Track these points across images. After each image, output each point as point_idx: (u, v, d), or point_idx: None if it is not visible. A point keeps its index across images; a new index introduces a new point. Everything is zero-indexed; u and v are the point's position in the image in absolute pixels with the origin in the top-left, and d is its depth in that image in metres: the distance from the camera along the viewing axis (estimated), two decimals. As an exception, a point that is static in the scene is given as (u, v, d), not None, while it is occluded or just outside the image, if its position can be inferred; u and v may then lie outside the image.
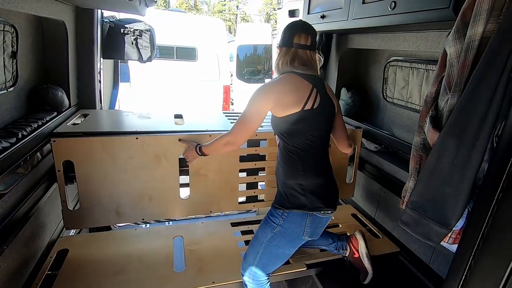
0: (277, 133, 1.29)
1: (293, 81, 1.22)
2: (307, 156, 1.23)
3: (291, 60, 1.27)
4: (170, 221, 2.39)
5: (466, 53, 0.72)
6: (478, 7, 0.69)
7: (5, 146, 1.15)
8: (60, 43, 1.69)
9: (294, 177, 1.25)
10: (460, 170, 0.74)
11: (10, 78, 1.32)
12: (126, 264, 1.51)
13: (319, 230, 1.32)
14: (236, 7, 31.99)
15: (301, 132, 1.21)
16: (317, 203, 1.23)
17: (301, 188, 1.23)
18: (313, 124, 1.22)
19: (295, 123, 1.20)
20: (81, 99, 1.98)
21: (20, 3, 1.16)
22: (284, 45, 1.29)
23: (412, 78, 1.78)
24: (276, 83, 1.23)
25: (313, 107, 1.20)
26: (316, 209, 1.23)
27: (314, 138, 1.23)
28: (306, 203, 1.23)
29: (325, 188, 1.27)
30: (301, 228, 1.25)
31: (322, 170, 1.28)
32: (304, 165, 1.24)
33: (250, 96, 1.24)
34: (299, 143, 1.22)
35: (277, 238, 1.28)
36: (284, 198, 1.27)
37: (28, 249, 1.35)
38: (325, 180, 1.28)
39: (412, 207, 0.85)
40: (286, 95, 1.19)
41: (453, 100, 0.75)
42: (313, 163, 1.25)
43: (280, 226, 1.26)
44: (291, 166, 1.25)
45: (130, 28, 2.23)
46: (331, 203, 1.28)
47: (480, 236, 0.68)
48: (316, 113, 1.21)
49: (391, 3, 1.27)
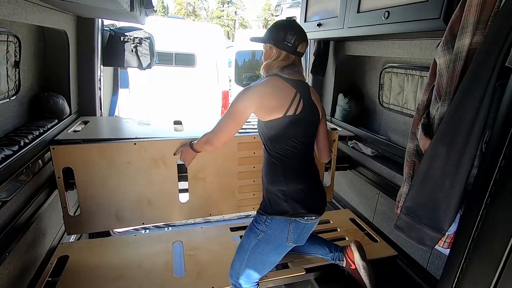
0: (261, 138, 1.28)
1: (277, 85, 1.20)
2: (289, 162, 1.21)
3: (286, 66, 1.24)
4: (169, 227, 2.40)
5: (454, 64, 0.75)
6: (465, 20, 0.72)
7: (8, 154, 1.17)
8: (62, 52, 1.72)
9: (276, 183, 1.22)
10: (451, 175, 0.76)
11: (13, 87, 1.35)
12: (126, 270, 1.52)
13: (304, 236, 1.29)
14: (234, 12, 32.26)
15: (283, 138, 1.19)
16: (300, 209, 1.20)
17: (283, 194, 1.21)
18: (295, 130, 1.19)
19: (277, 128, 1.18)
20: (82, 106, 2.00)
21: (23, 14, 1.19)
22: (286, 50, 1.23)
23: (407, 84, 1.82)
24: (259, 86, 1.20)
25: (296, 113, 1.18)
26: (299, 215, 1.20)
27: (296, 144, 1.21)
28: (288, 209, 1.20)
29: (308, 193, 1.23)
30: (284, 234, 1.23)
31: (305, 176, 1.25)
32: (285, 171, 1.22)
33: (233, 99, 1.23)
34: (281, 149, 1.21)
35: (261, 245, 1.25)
36: (267, 204, 1.25)
37: (29, 256, 1.36)
38: (308, 185, 1.24)
39: (406, 212, 0.88)
40: (268, 98, 1.17)
41: (443, 108, 0.78)
42: (295, 169, 1.22)
43: (263, 232, 1.23)
44: (273, 172, 1.24)
45: (130, 36, 2.27)
46: (315, 209, 1.24)
47: (471, 239, 0.70)
48: (298, 118, 1.19)
49: (385, 13, 1.31)
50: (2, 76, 1.23)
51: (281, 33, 1.22)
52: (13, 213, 1.20)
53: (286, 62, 1.24)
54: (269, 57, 1.27)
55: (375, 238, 1.91)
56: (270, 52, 1.26)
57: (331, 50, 2.33)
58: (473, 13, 0.71)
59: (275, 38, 1.23)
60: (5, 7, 1.06)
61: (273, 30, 1.26)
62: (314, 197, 1.26)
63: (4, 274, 1.15)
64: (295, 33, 1.22)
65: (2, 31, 1.20)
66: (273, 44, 1.24)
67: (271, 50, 1.25)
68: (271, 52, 1.26)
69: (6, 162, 1.11)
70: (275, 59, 1.24)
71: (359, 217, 2.15)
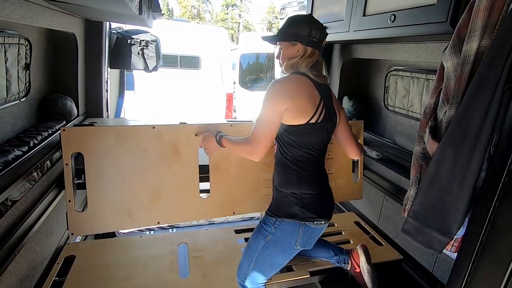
0: (277, 139, 1.23)
1: (307, 88, 1.16)
2: (303, 166, 1.20)
3: (313, 65, 1.20)
4: (174, 228, 2.41)
5: (462, 67, 0.75)
6: (473, 24, 0.72)
7: (18, 155, 1.19)
8: (70, 54, 1.75)
9: (288, 186, 1.21)
10: (459, 179, 0.76)
11: (23, 89, 1.37)
12: (131, 270, 1.53)
13: (312, 240, 1.28)
14: (238, 15, 32.44)
15: (300, 144, 1.17)
16: (310, 213, 1.18)
17: (294, 197, 1.20)
18: (313, 138, 1.18)
19: (296, 135, 1.16)
20: (89, 107, 2.03)
21: (35, 18, 1.21)
22: (312, 45, 1.18)
23: (413, 87, 1.81)
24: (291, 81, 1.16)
25: (317, 121, 1.15)
26: (309, 219, 1.19)
27: (312, 151, 1.19)
28: (298, 213, 1.19)
29: (319, 198, 1.22)
30: (293, 237, 1.21)
31: (317, 180, 1.24)
32: (299, 175, 1.20)
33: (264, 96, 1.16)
34: (296, 154, 1.19)
35: (269, 247, 1.24)
36: (277, 206, 1.24)
37: (36, 255, 1.38)
38: (319, 190, 1.23)
39: (413, 216, 0.88)
40: (300, 98, 1.13)
41: (451, 112, 0.78)
42: (308, 173, 1.21)
43: (272, 234, 1.22)
44: (286, 174, 1.22)
45: (137, 39, 2.31)
46: (325, 214, 1.23)
47: (479, 243, 0.70)
48: (318, 127, 1.17)
49: (391, 16, 1.31)
50: (13, 78, 1.26)
51: (306, 29, 1.17)
52: (23, 213, 1.22)
53: (313, 59, 1.19)
54: (294, 55, 1.21)
55: (380, 242, 1.90)
56: (294, 50, 1.20)
57: (336, 52, 2.34)
58: (481, 17, 0.71)
59: (299, 34, 1.18)
60: (18, 11, 1.09)
61: (293, 27, 1.20)
62: (324, 202, 1.25)
63: (13, 273, 1.16)
64: (318, 28, 1.19)
65: (14, 34, 1.23)
66: (297, 40, 1.18)
67: (294, 48, 1.20)
68: (294, 50, 1.20)
69: (16, 162, 1.13)
70: (302, 56, 1.19)
71: (364, 220, 2.14)
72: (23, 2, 1.12)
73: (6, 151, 1.15)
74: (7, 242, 1.07)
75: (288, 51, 1.22)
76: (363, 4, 1.52)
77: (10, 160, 1.13)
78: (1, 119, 1.24)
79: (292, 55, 1.21)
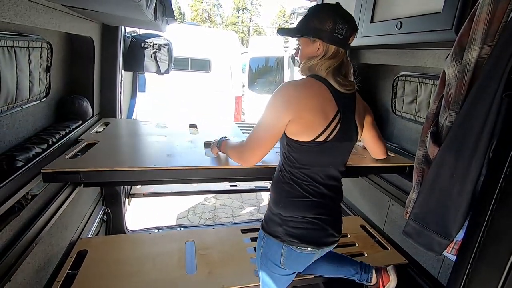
0: (280, 148, 1.09)
1: (321, 97, 0.97)
2: (298, 190, 1.05)
3: (337, 68, 0.99)
4: (181, 227, 2.47)
5: (463, 75, 0.78)
6: (473, 34, 0.75)
7: (38, 152, 1.26)
8: (87, 57, 1.84)
9: (276, 206, 1.08)
10: (459, 183, 0.78)
11: (44, 90, 1.45)
12: (140, 266, 1.59)
13: (300, 266, 1.16)
14: (249, 19, 32.69)
15: (301, 163, 1.02)
16: (291, 237, 1.05)
17: (280, 218, 1.07)
18: (318, 159, 1.01)
19: (298, 152, 1.00)
20: (103, 108, 2.11)
21: (57, 23, 1.29)
22: (336, 43, 0.96)
23: (420, 92, 1.82)
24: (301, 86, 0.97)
25: (327, 140, 0.97)
26: (290, 243, 1.06)
27: (314, 174, 1.03)
28: (279, 234, 1.07)
29: (308, 224, 1.05)
30: (277, 256, 1.10)
31: (312, 207, 1.06)
32: (288, 198, 1.06)
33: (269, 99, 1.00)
34: (294, 173, 1.04)
35: (264, 260, 1.16)
36: (265, 221, 1.15)
37: (52, 248, 1.44)
38: (312, 217, 1.05)
39: (414, 218, 0.90)
40: (308, 113, 0.94)
41: (451, 117, 0.81)
42: (302, 199, 1.05)
43: (262, 248, 1.15)
44: (278, 192, 1.09)
45: (150, 42, 2.38)
46: (313, 241, 1.07)
47: (477, 245, 0.72)
48: (327, 147, 0.99)
49: (398, 23, 1.34)
50: (35, 79, 1.34)
51: (329, 22, 0.95)
52: (41, 207, 1.29)
53: (336, 60, 0.98)
54: (313, 54, 1.00)
55: (385, 246, 1.91)
56: (314, 48, 0.99)
57: (344, 58, 2.36)
58: (481, 27, 0.73)
59: (320, 29, 0.96)
60: (43, 17, 1.16)
61: (315, 19, 0.97)
62: (315, 230, 1.07)
63: (31, 264, 1.23)
64: (345, 21, 0.95)
65: (37, 38, 1.30)
66: (318, 37, 0.97)
67: (314, 45, 0.99)
68: (314, 47, 0.99)
69: (37, 159, 1.20)
70: (322, 57, 0.98)
71: (370, 224, 2.15)
72: (48, 9, 1.19)
73: (27, 148, 1.23)
74: (27, 234, 1.13)
75: (307, 48, 1.02)
76: (370, 11, 1.56)
77: (31, 156, 1.20)
78: (23, 117, 1.32)
79: (311, 53, 1.01)
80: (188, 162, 1.28)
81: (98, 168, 1.13)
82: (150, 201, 3.29)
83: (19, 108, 1.24)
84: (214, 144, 1.36)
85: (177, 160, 1.29)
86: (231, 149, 1.20)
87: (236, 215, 3.74)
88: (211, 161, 1.32)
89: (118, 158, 1.29)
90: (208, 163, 1.28)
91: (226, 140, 1.29)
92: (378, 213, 2.14)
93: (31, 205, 1.21)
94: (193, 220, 3.50)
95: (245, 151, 1.06)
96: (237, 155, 1.13)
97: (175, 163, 1.25)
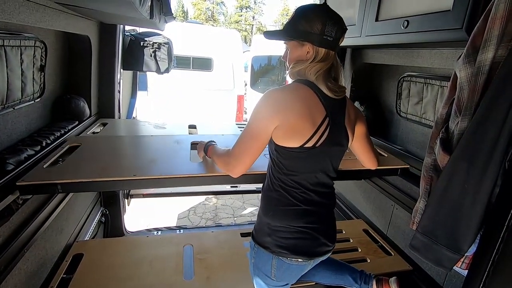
0: (269, 155, 1.05)
1: (308, 102, 0.93)
2: (286, 197, 1.00)
3: (327, 72, 0.96)
4: (181, 229, 2.43)
5: (476, 78, 0.72)
6: (489, 33, 0.69)
7: (30, 154, 1.22)
8: (84, 56, 1.80)
9: (265, 214, 1.04)
10: (472, 194, 0.73)
11: (38, 90, 1.41)
12: (137, 270, 1.55)
13: (292, 278, 1.10)
14: (252, 17, 32.59)
15: (290, 169, 0.98)
16: (281, 248, 1.00)
17: (268, 227, 1.03)
18: (308, 165, 0.98)
19: (287, 158, 0.97)
20: (101, 108, 2.07)
21: (50, 22, 1.25)
22: (325, 46, 0.93)
23: (427, 93, 1.76)
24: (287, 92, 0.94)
25: (316, 145, 0.94)
26: (280, 254, 1.01)
27: (303, 181, 0.99)
28: (269, 245, 1.02)
29: (298, 234, 1.01)
30: (267, 268, 1.05)
31: (302, 216, 1.01)
32: (278, 205, 1.02)
33: (254, 107, 0.97)
34: (283, 180, 1.00)
35: (255, 270, 1.12)
36: (255, 230, 1.10)
37: (46, 252, 1.41)
38: (302, 226, 1.01)
39: (422, 231, 0.84)
40: (294, 118, 0.91)
41: (463, 124, 0.75)
42: (291, 207, 1.01)
43: (254, 258, 1.10)
44: (267, 199, 1.05)
45: (150, 41, 2.34)
46: (304, 252, 1.02)
47: (491, 263, 0.67)
48: (316, 153, 0.95)
49: (404, 22, 1.28)
50: (28, 79, 1.30)
51: (318, 24, 0.91)
52: (33, 210, 1.25)
53: (326, 63, 0.95)
54: (302, 58, 0.96)
55: (389, 252, 1.85)
56: (303, 52, 0.96)
57: (347, 57, 2.30)
58: (498, 26, 0.68)
59: (308, 31, 0.92)
60: (34, 15, 1.12)
61: (303, 21, 0.93)
62: (305, 239, 1.02)
63: (23, 270, 1.19)
64: (334, 22, 0.92)
65: (30, 37, 1.26)
66: (307, 40, 0.93)
67: (303, 49, 0.95)
68: (303, 51, 0.95)
69: (28, 161, 1.17)
70: (312, 61, 0.94)
71: (373, 228, 2.09)
72: (39, 6, 1.15)
73: (19, 151, 1.19)
74: (17, 240, 1.09)
75: (295, 52, 0.98)
76: (375, 8, 1.49)
77: (22, 159, 1.16)
78: (16, 119, 1.28)
79: (300, 57, 0.97)
80: (170, 168, 1.22)
81: (75, 179, 1.08)
82: (150, 201, 3.26)
83: (11, 109, 1.20)
84: (201, 147, 1.30)
85: (158, 167, 1.23)
86: (217, 157, 1.15)
87: (237, 216, 3.70)
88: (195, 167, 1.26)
89: (100, 164, 1.22)
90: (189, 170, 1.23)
91: (214, 146, 1.23)
92: (381, 217, 2.08)
93: (22, 209, 1.17)
94: (194, 220, 3.47)
95: (232, 160, 1.02)
96: (223, 164, 1.08)
97: (156, 170, 1.19)
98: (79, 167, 1.18)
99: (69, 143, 1.44)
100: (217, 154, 1.16)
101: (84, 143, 1.44)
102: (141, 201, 3.03)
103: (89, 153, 1.34)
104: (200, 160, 1.32)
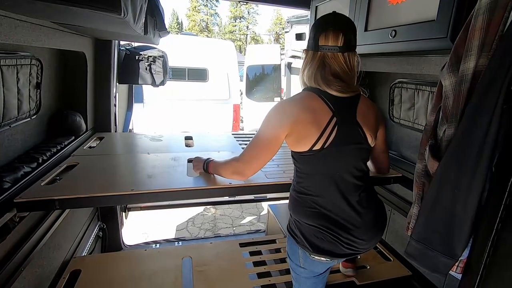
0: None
1: (313, 107, 0.97)
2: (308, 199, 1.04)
3: (318, 70, 1.00)
4: (179, 241, 2.41)
5: (460, 86, 0.75)
6: (469, 44, 0.72)
7: (27, 171, 1.22)
8: (80, 72, 1.82)
9: (293, 210, 1.10)
10: (463, 199, 0.74)
11: (34, 107, 1.42)
12: (136, 285, 1.54)
13: (317, 270, 1.12)
14: (246, 27, 33.02)
15: (305, 172, 1.04)
16: (306, 244, 1.05)
17: (295, 221, 1.10)
18: (322, 166, 1.00)
19: (301, 162, 1.03)
20: (97, 122, 2.08)
21: (46, 40, 1.27)
22: (308, 47, 1.04)
23: (418, 99, 1.80)
24: (293, 103, 1.00)
25: (324, 147, 0.96)
26: (305, 248, 1.06)
27: (323, 182, 1.01)
28: (296, 237, 1.09)
29: (323, 233, 1.02)
30: (296, 256, 1.12)
31: (328, 218, 1.02)
32: (299, 205, 1.07)
33: (265, 116, 1.03)
34: (302, 182, 1.06)
35: (290, 256, 1.17)
36: (289, 220, 1.16)
37: (43, 270, 1.40)
38: (326, 225, 1.02)
39: (417, 238, 0.85)
40: (300, 125, 0.96)
41: (450, 130, 0.77)
42: (311, 206, 1.03)
43: (287, 245, 1.18)
44: (293, 198, 1.11)
45: (145, 55, 2.37)
46: (327, 252, 1.03)
47: (483, 266, 0.68)
48: (327, 154, 0.98)
49: (392, 32, 1.31)
50: (24, 97, 1.31)
51: (312, 32, 1.02)
52: (30, 227, 1.25)
53: (315, 64, 1.00)
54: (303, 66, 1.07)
55: (388, 257, 1.85)
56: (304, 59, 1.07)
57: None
58: (477, 36, 0.71)
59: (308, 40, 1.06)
60: (30, 34, 1.14)
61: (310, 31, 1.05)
62: (331, 241, 1.02)
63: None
64: (316, 24, 1.01)
65: (26, 55, 1.28)
66: (303, 50, 1.07)
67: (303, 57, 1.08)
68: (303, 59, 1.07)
69: (25, 179, 1.17)
70: (304, 63, 1.06)
71: (371, 234, 2.09)
72: (35, 26, 1.17)
73: (16, 168, 1.19)
74: (13, 259, 1.09)
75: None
76: (364, 19, 1.54)
77: (19, 176, 1.16)
78: (12, 136, 1.29)
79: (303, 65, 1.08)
80: (169, 183, 1.24)
81: (73, 195, 1.09)
82: (148, 213, 3.24)
83: (7, 127, 1.21)
84: (197, 163, 1.34)
85: (157, 181, 1.25)
86: (223, 166, 1.19)
87: (236, 225, 3.68)
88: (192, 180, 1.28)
89: (97, 181, 1.23)
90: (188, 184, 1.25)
91: (213, 161, 1.28)
92: (379, 223, 2.09)
93: (19, 227, 1.16)
94: (193, 231, 3.44)
95: (243, 164, 1.09)
96: (233, 169, 1.14)
97: (153, 185, 1.21)
98: (77, 184, 1.19)
99: (66, 162, 1.45)
100: (221, 165, 1.20)
101: (82, 162, 1.45)
102: (139, 213, 3.01)
103: (87, 171, 1.35)
104: (196, 175, 1.34)
